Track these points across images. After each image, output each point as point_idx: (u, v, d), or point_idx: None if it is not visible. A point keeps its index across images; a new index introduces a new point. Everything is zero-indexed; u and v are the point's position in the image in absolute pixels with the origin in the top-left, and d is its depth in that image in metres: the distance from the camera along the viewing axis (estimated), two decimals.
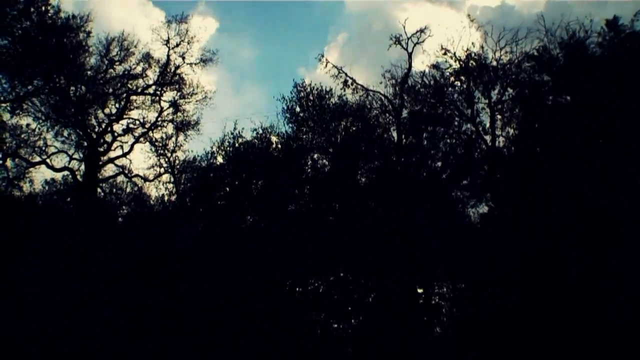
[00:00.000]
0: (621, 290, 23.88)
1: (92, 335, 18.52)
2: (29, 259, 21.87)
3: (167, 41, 38.41)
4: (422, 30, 36.71)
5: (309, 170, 35.77)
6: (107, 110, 36.49)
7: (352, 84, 36.37)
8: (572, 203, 25.43)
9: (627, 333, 23.36)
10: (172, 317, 21.22)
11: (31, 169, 33.02)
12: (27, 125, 32.69)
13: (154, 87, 38.19)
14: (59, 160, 34.30)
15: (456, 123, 36.76)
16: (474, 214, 35.85)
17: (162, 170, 37.56)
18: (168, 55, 38.20)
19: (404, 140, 36.21)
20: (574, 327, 24.36)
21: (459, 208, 36.38)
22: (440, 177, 35.58)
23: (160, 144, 37.50)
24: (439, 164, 37.39)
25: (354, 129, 35.33)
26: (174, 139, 38.67)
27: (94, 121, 36.11)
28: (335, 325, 30.83)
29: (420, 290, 37.74)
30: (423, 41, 36.66)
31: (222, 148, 35.59)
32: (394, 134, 36.71)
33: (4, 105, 30.67)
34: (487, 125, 35.99)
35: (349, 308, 26.10)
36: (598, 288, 24.24)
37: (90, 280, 19.88)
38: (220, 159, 36.15)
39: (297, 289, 26.76)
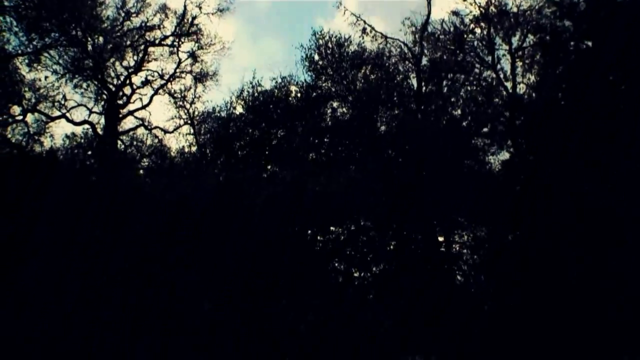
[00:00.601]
0: None
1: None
2: (49, 214, 21.92)
3: None
4: None
5: (329, 118, 35.65)
6: (125, 63, 36.33)
7: (370, 32, 36.05)
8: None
9: None
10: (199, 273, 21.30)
11: (51, 124, 33.07)
12: (46, 77, 32.62)
13: (171, 38, 37.88)
14: (79, 114, 34.32)
15: (476, 70, 36.45)
16: (494, 162, 35.74)
17: (182, 121, 37.55)
18: (185, 6, 37.77)
19: (424, 88, 35.93)
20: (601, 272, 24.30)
21: (479, 155, 36.21)
22: (461, 125, 35.36)
23: (179, 96, 37.39)
24: (459, 111, 37.13)
25: (373, 76, 35.07)
26: (192, 90, 38.50)
27: (112, 74, 36.05)
28: (357, 274, 31.02)
29: (440, 239, 37.79)
30: None
31: (241, 98, 35.47)
32: (414, 82, 36.46)
33: (21, 58, 30.60)
34: (508, 72, 35.63)
35: (370, 257, 26.05)
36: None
37: (114, 236, 19.82)
38: (239, 109, 36.09)
39: (318, 237, 26.75)
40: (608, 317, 23.93)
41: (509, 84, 35.63)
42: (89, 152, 28.89)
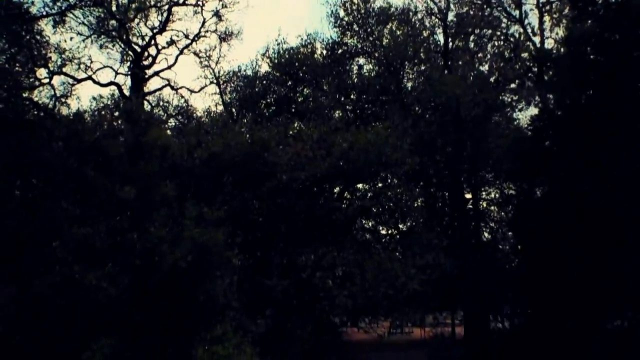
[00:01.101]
0: None
1: None
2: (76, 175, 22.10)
3: None
4: None
5: (355, 75, 35.50)
6: (149, 23, 36.18)
7: None
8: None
9: None
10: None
11: (77, 86, 33.15)
12: (71, 39, 32.66)
13: None
14: (105, 76, 34.51)
15: (504, 25, 36.08)
16: (522, 118, 35.56)
17: (207, 81, 37.53)
18: None
19: (451, 44, 35.63)
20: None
21: (507, 112, 35.98)
22: (488, 81, 35.10)
23: (204, 56, 37.25)
24: (486, 67, 36.86)
25: (399, 32, 34.74)
26: (217, 49, 38.46)
27: (137, 35, 36.00)
28: (384, 232, 31.16)
29: (468, 196, 37.77)
30: None
31: (267, 56, 35.42)
32: (440, 38, 36.17)
33: (46, 20, 30.58)
34: (536, 26, 35.24)
35: (397, 214, 26.07)
36: None
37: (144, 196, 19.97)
38: (264, 68, 36.06)
39: (346, 194, 26.82)
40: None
41: (536, 39, 35.27)
42: (116, 114, 28.96)
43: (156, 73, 36.58)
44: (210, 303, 17.86)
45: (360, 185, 27.36)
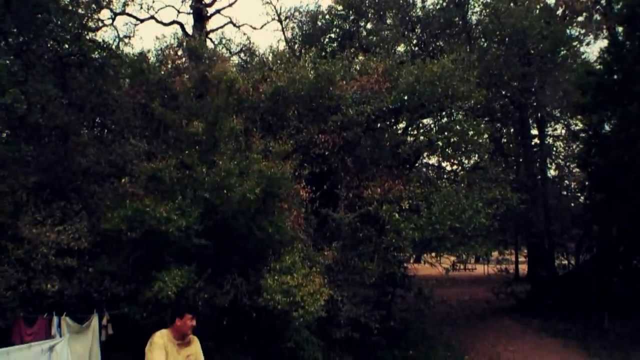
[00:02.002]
0: None
1: None
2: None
3: None
4: None
5: (419, 9, 34.93)
6: None
7: None
8: None
9: None
10: None
11: (140, 26, 33.49)
12: None
13: None
14: (167, 15, 34.67)
15: None
16: (590, 52, 34.79)
17: (269, 18, 37.51)
18: None
19: None
20: None
21: (574, 45, 35.17)
22: (555, 13, 34.28)
23: None
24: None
25: None
26: None
27: None
28: (449, 168, 31.02)
29: (534, 132, 37.31)
30: None
31: None
32: None
33: None
34: None
35: (462, 149, 25.84)
36: None
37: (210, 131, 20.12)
38: (327, 2, 35.75)
39: (409, 129, 26.67)
40: None
41: None
42: (179, 52, 29.19)
43: (218, 11, 36.74)
44: (278, 235, 18.03)
45: (425, 121, 27.16)
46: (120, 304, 17.32)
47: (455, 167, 29.84)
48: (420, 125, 27.26)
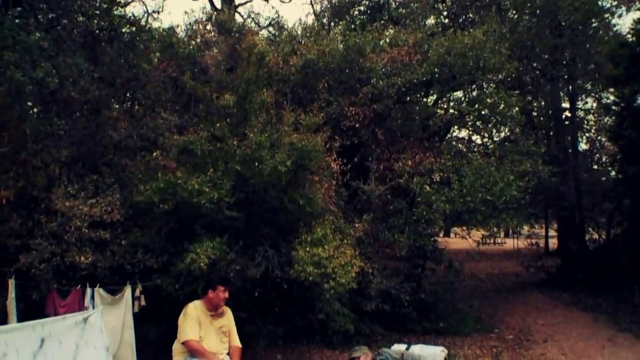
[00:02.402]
0: None
1: None
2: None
3: None
4: None
5: None
6: None
7: None
8: None
9: None
10: None
11: (168, 1, 33.52)
12: None
13: None
14: None
15: None
16: (622, 24, 34.29)
17: None
18: None
19: None
20: None
21: (606, 17, 34.63)
22: None
23: None
24: None
25: None
26: None
27: None
28: (479, 142, 30.88)
29: (565, 105, 36.96)
30: None
31: None
32: None
33: None
34: None
35: (493, 122, 25.68)
36: None
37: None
38: None
39: (440, 102, 26.56)
40: None
41: None
42: (208, 26, 29.23)
43: None
44: (309, 207, 18.05)
45: (456, 93, 27.00)
46: (152, 275, 17.49)
47: (485, 140, 29.69)
48: (451, 97, 27.12)
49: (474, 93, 26.40)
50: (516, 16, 32.45)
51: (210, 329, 12.45)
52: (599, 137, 38.32)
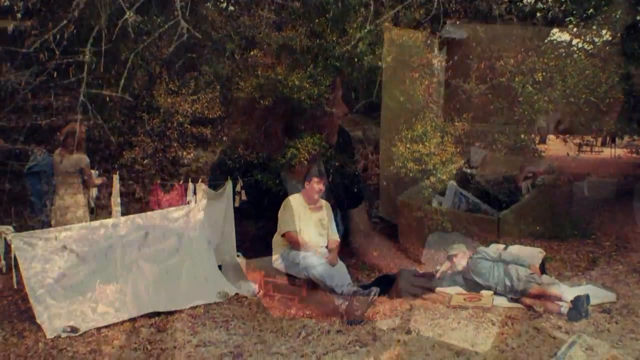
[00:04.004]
0: None
1: None
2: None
3: None
4: None
5: None
6: None
7: None
8: None
9: None
10: None
11: None
12: None
13: None
14: None
15: None
16: None
17: None
18: None
19: None
20: None
21: None
22: None
23: None
24: None
25: None
26: None
27: None
28: (581, 45, 29.67)
29: None
30: None
31: None
32: None
33: None
34: None
35: (597, 23, 24.63)
36: None
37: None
38: None
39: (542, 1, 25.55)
40: None
41: None
42: None
43: None
44: (409, 104, 17.84)
45: None
46: (253, 171, 17.72)
47: (588, 43, 28.56)
48: None
49: None
50: None
51: (310, 222, 12.65)
52: None
